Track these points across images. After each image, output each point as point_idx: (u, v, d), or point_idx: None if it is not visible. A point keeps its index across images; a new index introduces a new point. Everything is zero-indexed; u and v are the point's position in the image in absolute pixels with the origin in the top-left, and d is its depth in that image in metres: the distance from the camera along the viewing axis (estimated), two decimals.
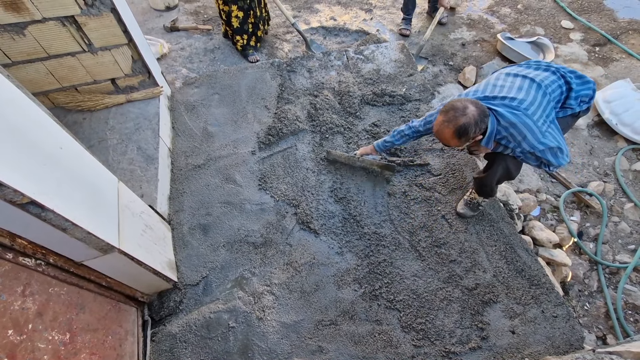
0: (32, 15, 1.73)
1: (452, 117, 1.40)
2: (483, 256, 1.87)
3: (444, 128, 1.42)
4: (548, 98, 1.50)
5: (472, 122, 1.38)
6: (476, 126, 1.39)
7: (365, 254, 1.87)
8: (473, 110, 1.38)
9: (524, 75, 1.55)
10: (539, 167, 1.60)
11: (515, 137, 1.47)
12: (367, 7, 3.66)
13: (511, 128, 1.45)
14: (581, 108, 1.63)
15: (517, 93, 1.48)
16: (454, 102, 1.44)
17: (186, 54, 3.06)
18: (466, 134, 1.40)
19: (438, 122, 1.46)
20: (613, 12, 3.59)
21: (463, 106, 1.39)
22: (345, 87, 2.57)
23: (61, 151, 1.10)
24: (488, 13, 3.63)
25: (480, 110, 1.40)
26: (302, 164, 2.21)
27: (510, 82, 1.54)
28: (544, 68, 1.61)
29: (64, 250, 1.15)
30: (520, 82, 1.52)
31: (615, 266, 2.13)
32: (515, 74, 1.57)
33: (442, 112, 1.46)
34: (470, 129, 1.38)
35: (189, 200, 2.06)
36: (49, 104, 2.15)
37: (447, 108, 1.44)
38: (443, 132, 1.44)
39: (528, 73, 1.56)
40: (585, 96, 1.60)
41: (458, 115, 1.38)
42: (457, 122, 1.38)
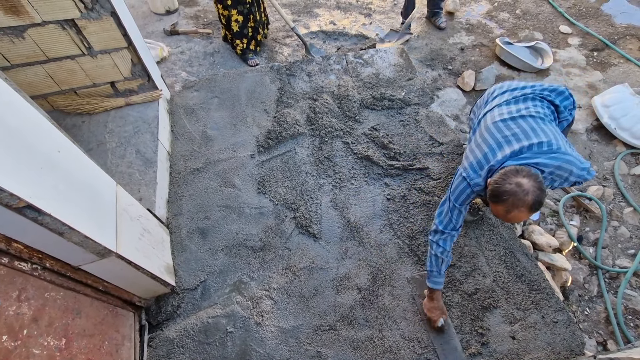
0: (31, 18, 1.73)
1: (516, 202, 1.29)
2: (483, 261, 1.86)
3: (517, 214, 1.31)
4: (554, 124, 1.52)
5: (538, 192, 1.29)
6: (542, 192, 1.30)
7: (365, 258, 1.86)
8: (527, 181, 1.29)
9: (522, 116, 1.51)
10: (573, 185, 1.56)
11: (562, 176, 1.43)
12: (366, 11, 3.68)
13: (557, 171, 1.41)
14: (572, 116, 1.69)
15: (536, 136, 1.44)
16: (503, 186, 1.31)
17: (186, 58, 3.07)
18: (541, 205, 1.32)
19: (502, 213, 1.35)
20: (610, 18, 3.61)
21: (517, 184, 1.29)
22: (345, 91, 2.57)
23: (59, 154, 1.09)
24: (487, 18, 3.65)
25: (534, 178, 1.31)
26: (301, 167, 2.20)
27: (518, 128, 1.48)
28: (522, 99, 1.59)
29: (60, 255, 1.14)
30: (527, 124, 1.48)
31: (615, 271, 2.12)
32: (511, 118, 1.53)
33: (497, 202, 1.34)
34: (542, 198, 1.30)
35: (187, 204, 2.05)
36: (47, 107, 2.14)
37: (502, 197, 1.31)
38: (517, 217, 1.34)
39: (519, 111, 1.53)
40: (569, 105, 1.66)
41: (520, 197, 1.28)
42: (525, 203, 1.28)
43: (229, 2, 2.64)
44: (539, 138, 1.43)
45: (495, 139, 1.51)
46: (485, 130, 1.58)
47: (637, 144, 2.60)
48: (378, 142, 2.30)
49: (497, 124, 1.54)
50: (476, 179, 1.49)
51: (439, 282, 1.58)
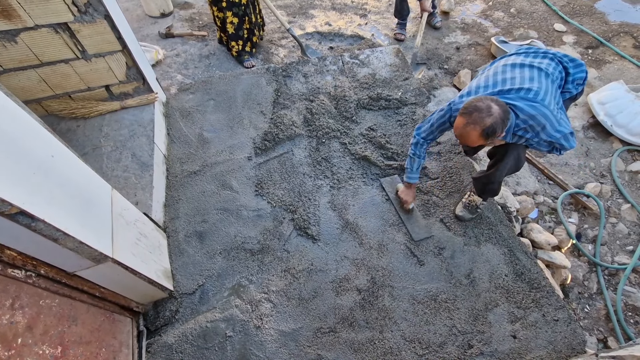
0: (24, 22, 1.71)
1: (477, 118, 1.36)
2: (482, 260, 1.85)
3: (470, 130, 1.38)
4: (555, 85, 1.53)
5: (499, 122, 1.36)
6: (502, 125, 1.37)
7: (364, 259, 1.85)
8: (497, 109, 1.36)
9: (530, 65, 1.55)
10: (550, 152, 1.60)
11: (534, 128, 1.47)
12: (361, 12, 3.68)
13: (530, 120, 1.45)
14: (577, 90, 1.67)
15: (530, 83, 1.48)
16: (475, 102, 1.40)
17: (181, 60, 3.05)
18: (494, 134, 1.38)
19: (460, 125, 1.41)
20: (604, 15, 3.63)
21: (487, 106, 1.36)
22: (341, 92, 2.56)
23: (53, 159, 1.08)
24: (481, 17, 3.66)
25: (504, 109, 1.38)
26: (299, 169, 2.19)
27: (519, 73, 1.53)
28: (542, 55, 1.62)
29: (55, 261, 1.12)
30: (529, 73, 1.52)
31: (614, 268, 2.12)
32: (520, 64, 1.57)
33: (463, 114, 1.41)
34: (498, 129, 1.37)
35: (184, 207, 2.03)
36: (42, 111, 2.12)
37: (469, 109, 1.40)
38: (469, 134, 1.40)
39: (532, 62, 1.57)
40: (580, 79, 1.64)
41: (484, 115, 1.35)
42: (484, 123, 1.35)
43: (224, 4, 2.62)
44: (530, 86, 1.47)
45: (494, 78, 1.57)
46: (492, 69, 1.65)
47: (633, 140, 2.61)
48: (375, 143, 2.30)
49: (506, 66, 1.60)
50: (458, 105, 1.56)
51: (414, 177, 1.92)
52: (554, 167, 2.57)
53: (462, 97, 1.59)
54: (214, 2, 2.67)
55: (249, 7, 2.76)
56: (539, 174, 2.55)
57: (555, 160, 2.61)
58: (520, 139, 1.58)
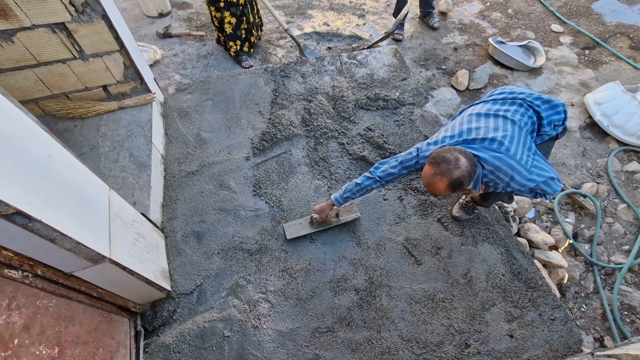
0: (20, 22, 1.70)
1: (445, 170, 1.35)
2: (479, 259, 1.86)
3: (437, 181, 1.37)
4: (524, 132, 1.49)
5: (466, 175, 1.34)
6: (470, 178, 1.36)
7: (361, 259, 1.86)
8: (465, 162, 1.35)
9: (495, 114, 1.52)
10: (535, 197, 1.58)
11: (502, 179, 1.45)
12: (360, 12, 3.69)
13: (496, 171, 1.43)
14: (557, 131, 1.62)
15: (495, 133, 1.45)
16: (444, 152, 1.38)
17: (179, 60, 3.05)
18: (460, 187, 1.37)
19: (428, 174, 1.39)
20: (601, 16, 3.65)
21: (455, 158, 1.35)
22: (339, 92, 2.57)
23: (50, 160, 1.08)
24: (479, 18, 3.67)
25: (472, 161, 1.37)
26: (297, 169, 2.20)
27: (484, 123, 1.51)
28: (510, 102, 1.58)
29: (52, 261, 1.12)
30: (494, 122, 1.49)
31: (610, 267, 2.14)
32: (486, 113, 1.54)
33: (432, 163, 1.39)
34: (465, 182, 1.35)
35: (182, 208, 2.03)
36: (39, 111, 2.12)
37: (437, 159, 1.38)
38: (436, 185, 1.38)
39: (497, 111, 1.54)
40: (557, 121, 1.59)
41: (451, 168, 1.34)
42: (451, 175, 1.34)
43: (222, 4, 2.62)
44: (492, 134, 1.45)
45: (460, 128, 1.55)
46: (458, 119, 1.64)
47: (629, 140, 2.62)
48: (373, 143, 2.30)
49: (472, 115, 1.58)
50: (425, 153, 1.56)
51: (340, 202, 1.79)
52: None
53: (430, 145, 1.57)
54: (211, 2, 2.67)
55: (247, 7, 2.76)
56: None
57: (552, 160, 2.62)
58: (496, 189, 1.56)
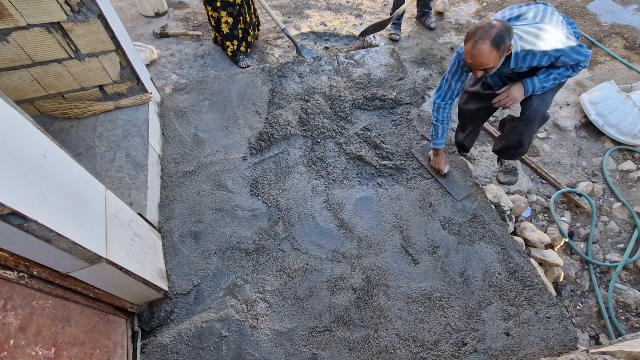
0: (15, 21, 1.69)
1: (482, 33, 1.41)
2: (476, 258, 1.87)
3: (480, 45, 1.41)
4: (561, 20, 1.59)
5: (503, 29, 1.41)
6: (507, 33, 1.42)
7: (359, 258, 1.86)
8: (497, 22, 1.42)
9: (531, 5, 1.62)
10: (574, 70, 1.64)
11: (540, 47, 1.51)
12: (357, 12, 3.69)
13: (534, 39, 1.51)
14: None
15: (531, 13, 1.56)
16: (475, 26, 1.46)
17: (176, 60, 3.04)
18: (503, 42, 1.41)
19: (469, 46, 1.45)
20: (596, 16, 3.68)
21: (487, 22, 1.43)
22: (336, 92, 2.57)
23: (45, 160, 1.07)
24: (475, 18, 3.69)
25: (504, 23, 1.43)
26: (294, 168, 2.20)
27: (526, 9, 1.60)
28: None
29: (48, 262, 1.12)
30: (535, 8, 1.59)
31: (605, 265, 2.15)
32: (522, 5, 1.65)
33: (468, 38, 1.46)
34: (505, 36, 1.41)
35: (179, 208, 2.02)
36: (34, 111, 2.10)
37: (471, 31, 1.46)
38: (480, 52, 1.42)
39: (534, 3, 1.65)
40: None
41: (487, 29, 1.41)
42: (489, 34, 1.40)
43: (219, 3, 2.62)
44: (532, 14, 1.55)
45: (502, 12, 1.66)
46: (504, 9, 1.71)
47: (624, 140, 2.64)
48: (370, 142, 2.31)
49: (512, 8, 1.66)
50: (461, 49, 1.61)
51: (440, 143, 2.01)
52: (547, 166, 2.60)
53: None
54: (208, 1, 2.66)
55: (244, 6, 2.76)
56: (532, 173, 2.57)
57: (548, 159, 2.64)
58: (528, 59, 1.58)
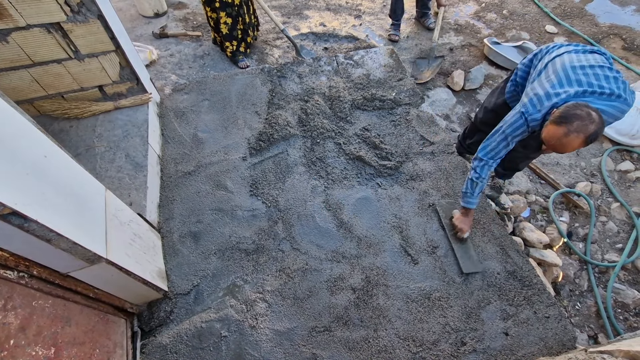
0: (15, 22, 1.69)
1: (580, 127, 1.35)
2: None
3: (573, 138, 1.37)
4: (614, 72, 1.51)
5: (600, 127, 1.36)
6: (603, 129, 1.38)
7: (358, 258, 1.86)
8: (596, 115, 1.36)
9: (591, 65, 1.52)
10: None
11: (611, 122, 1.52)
12: (356, 13, 3.70)
13: (610, 119, 1.49)
14: None
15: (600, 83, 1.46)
16: (572, 110, 1.38)
17: (175, 61, 3.04)
18: (595, 139, 1.39)
19: (559, 134, 1.40)
20: (594, 17, 3.69)
21: (587, 113, 1.36)
22: (336, 92, 2.58)
23: (45, 160, 1.07)
24: (474, 19, 3.70)
25: (599, 115, 1.37)
26: (294, 169, 2.20)
27: (585, 74, 1.50)
28: (590, 51, 1.61)
29: (48, 262, 1.12)
30: (594, 71, 1.49)
31: (604, 265, 2.16)
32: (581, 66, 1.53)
33: (563, 123, 1.38)
34: (599, 134, 1.38)
35: (179, 208, 2.03)
36: (34, 112, 2.10)
37: (568, 118, 1.37)
38: (570, 143, 1.39)
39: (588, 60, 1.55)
40: None
41: (587, 123, 1.35)
42: (587, 130, 1.35)
43: (217, 4, 2.62)
44: (602, 85, 1.45)
45: (561, 78, 1.52)
46: (552, 72, 1.58)
47: (622, 140, 2.65)
48: (370, 143, 2.31)
49: (566, 67, 1.54)
50: (535, 114, 1.52)
51: (473, 203, 1.82)
52: (545, 166, 2.60)
53: (535, 107, 1.52)
54: (207, 2, 2.67)
55: (243, 7, 2.76)
56: (531, 174, 2.58)
57: (547, 159, 2.64)
58: None
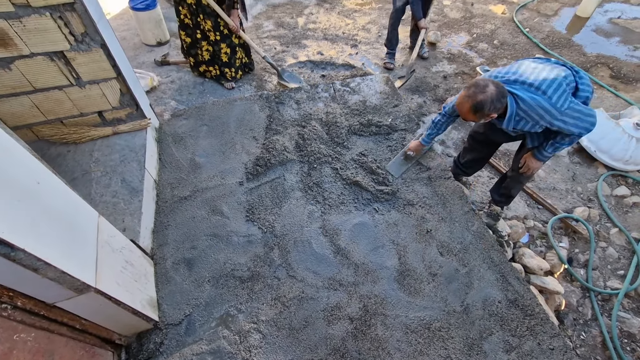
0: (20, 50, 1.73)
1: (472, 93, 1.52)
2: (475, 286, 1.83)
3: (464, 102, 1.55)
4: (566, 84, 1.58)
5: (488, 100, 1.49)
6: (492, 104, 1.50)
7: (355, 286, 1.82)
8: (492, 89, 1.50)
9: (544, 65, 1.63)
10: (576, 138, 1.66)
11: (533, 118, 1.57)
12: (352, 42, 3.83)
13: (529, 110, 1.55)
14: None
15: (537, 78, 1.56)
16: (478, 79, 1.55)
17: (176, 87, 3.10)
18: (481, 110, 1.52)
19: (460, 96, 1.59)
20: (581, 47, 3.84)
21: (484, 84, 1.51)
22: (333, 118, 2.62)
23: (38, 186, 1.06)
24: (467, 48, 3.83)
25: (499, 91, 1.51)
26: (291, 194, 2.19)
27: (533, 68, 1.62)
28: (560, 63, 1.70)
29: (34, 292, 1.08)
30: (541, 70, 1.60)
31: (607, 293, 2.12)
32: (535, 65, 1.66)
33: (465, 88, 1.56)
34: (486, 106, 1.51)
35: (173, 234, 1.99)
36: (32, 136, 2.11)
37: (470, 84, 1.55)
38: (462, 106, 1.57)
39: (546, 63, 1.66)
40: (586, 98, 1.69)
41: (477, 92, 1.51)
42: (475, 98, 1.51)
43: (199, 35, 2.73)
44: (534, 79, 1.56)
45: (510, 67, 1.69)
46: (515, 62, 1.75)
47: (616, 165, 2.68)
48: (366, 168, 2.32)
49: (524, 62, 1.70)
50: None
51: (426, 141, 2.21)
52: (542, 191, 2.61)
53: None
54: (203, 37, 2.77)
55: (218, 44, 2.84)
56: (528, 198, 2.58)
57: (543, 185, 2.65)
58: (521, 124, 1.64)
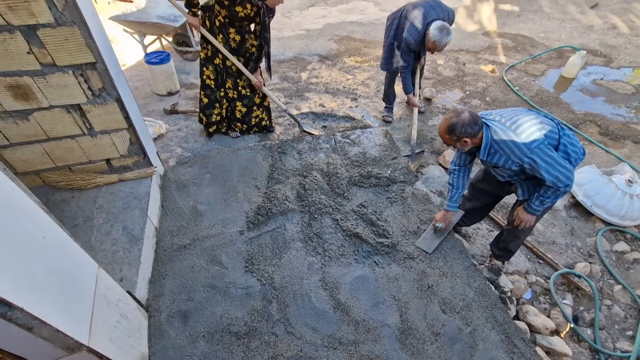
0: (39, 103, 1.84)
1: (448, 117, 1.70)
2: (480, 347, 1.76)
3: (441, 124, 1.73)
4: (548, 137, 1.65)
5: (460, 123, 1.66)
6: (463, 127, 1.66)
7: (356, 345, 1.75)
8: (466, 115, 1.66)
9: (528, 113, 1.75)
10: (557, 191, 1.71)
11: (505, 152, 1.67)
12: (352, 96, 4.05)
13: (502, 145, 1.66)
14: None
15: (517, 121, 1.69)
16: (457, 107, 1.77)
17: (182, 135, 3.22)
18: (454, 131, 1.68)
19: (442, 120, 1.75)
20: (570, 105, 4.06)
21: (461, 111, 1.69)
22: (334, 169, 2.69)
23: (44, 241, 1.07)
24: (460, 104, 4.05)
25: (472, 118, 1.66)
26: (291, 244, 2.18)
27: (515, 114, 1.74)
28: (549, 117, 1.81)
29: (24, 352, 1.04)
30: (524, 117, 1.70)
31: (617, 355, 2.03)
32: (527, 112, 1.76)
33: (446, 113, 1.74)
34: (457, 128, 1.66)
35: (170, 284, 1.95)
36: (39, 182, 2.16)
37: (450, 110, 1.76)
38: (440, 127, 1.75)
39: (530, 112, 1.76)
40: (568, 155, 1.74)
41: (453, 116, 1.69)
42: (450, 120, 1.69)
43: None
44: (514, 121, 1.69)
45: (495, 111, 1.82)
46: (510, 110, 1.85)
47: (612, 220, 2.71)
48: (366, 219, 2.34)
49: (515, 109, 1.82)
50: None
51: (451, 206, 2.15)
52: (542, 245, 2.61)
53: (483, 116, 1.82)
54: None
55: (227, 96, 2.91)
56: (528, 252, 2.57)
57: (542, 238, 2.66)
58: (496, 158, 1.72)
